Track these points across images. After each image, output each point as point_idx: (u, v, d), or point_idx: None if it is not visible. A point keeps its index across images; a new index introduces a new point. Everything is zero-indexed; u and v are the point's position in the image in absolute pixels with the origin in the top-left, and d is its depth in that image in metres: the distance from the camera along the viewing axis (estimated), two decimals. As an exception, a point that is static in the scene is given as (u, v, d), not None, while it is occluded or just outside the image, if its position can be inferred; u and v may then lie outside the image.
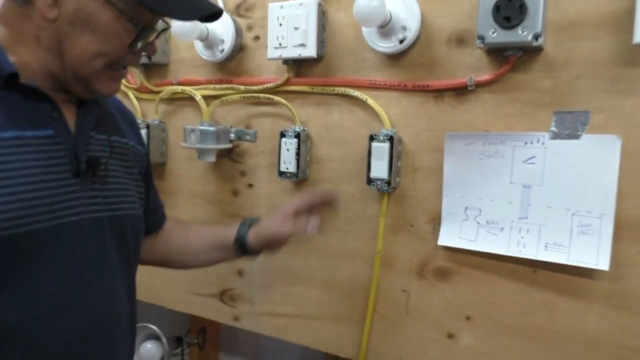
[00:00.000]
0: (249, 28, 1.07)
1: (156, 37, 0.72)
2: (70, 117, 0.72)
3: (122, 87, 1.24)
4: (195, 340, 1.36)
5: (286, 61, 1.00)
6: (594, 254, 0.78)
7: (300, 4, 0.94)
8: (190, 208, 1.19)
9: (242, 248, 0.88)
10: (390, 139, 0.89)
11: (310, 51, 0.94)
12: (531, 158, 0.82)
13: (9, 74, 0.65)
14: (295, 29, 0.94)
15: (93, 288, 0.72)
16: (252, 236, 0.88)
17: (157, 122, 1.19)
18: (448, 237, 0.89)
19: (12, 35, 0.68)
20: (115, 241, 0.76)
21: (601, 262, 0.77)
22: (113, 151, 0.77)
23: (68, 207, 0.68)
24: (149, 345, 1.24)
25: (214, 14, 0.73)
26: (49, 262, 0.66)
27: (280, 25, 0.96)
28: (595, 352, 0.80)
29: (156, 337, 1.25)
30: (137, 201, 0.83)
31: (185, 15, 0.75)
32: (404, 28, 0.86)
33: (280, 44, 0.97)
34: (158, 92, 1.19)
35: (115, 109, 0.86)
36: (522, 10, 0.75)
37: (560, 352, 0.82)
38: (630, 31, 0.72)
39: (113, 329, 0.76)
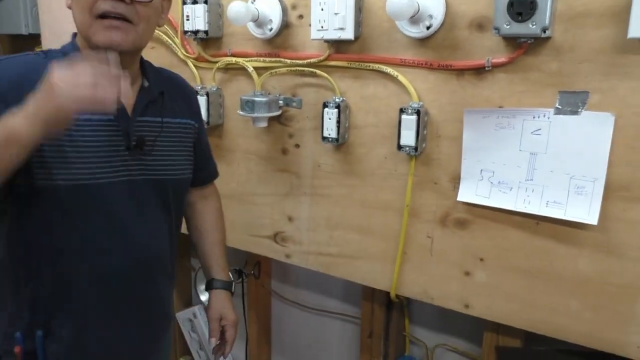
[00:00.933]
0: (294, 7, 1.21)
1: None
2: (128, 105, 0.94)
3: (182, 56, 1.41)
4: (252, 272, 1.61)
5: (327, 40, 1.14)
6: (586, 210, 0.94)
7: (340, -8, 1.07)
8: (246, 164, 1.39)
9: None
10: (418, 112, 1.05)
11: (348, 34, 1.08)
12: (538, 130, 0.96)
13: None
14: (335, 14, 1.08)
15: (137, 230, 0.97)
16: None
17: (214, 89, 1.37)
18: (466, 193, 1.06)
19: (82, 43, 0.92)
20: (158, 197, 1.00)
21: (592, 217, 0.93)
22: (163, 130, 0.99)
23: (121, 170, 0.93)
24: (217, 277, 1.49)
25: None
26: (106, 207, 0.92)
27: (322, 10, 1.09)
28: (585, 287, 0.98)
29: (222, 270, 1.50)
30: (186, 167, 1.06)
31: None
32: (431, 16, 0.99)
33: (322, 27, 1.11)
34: (214, 62, 1.35)
35: (177, 89, 1.08)
36: (532, 7, 0.87)
37: (557, 288, 1.01)
38: (627, 23, 0.83)
39: (153, 263, 1.01)
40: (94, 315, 0.97)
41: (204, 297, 1.51)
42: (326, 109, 1.16)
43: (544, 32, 0.88)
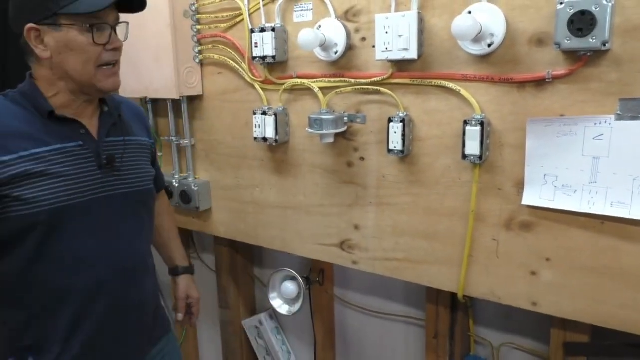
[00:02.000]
0: (357, 31, 1.30)
1: (113, 31, 1.02)
2: (93, 129, 1.09)
3: (249, 80, 1.53)
4: (317, 279, 1.70)
5: (391, 60, 1.23)
6: (651, 210, 0.99)
7: (403, 16, 1.15)
8: (312, 176, 1.49)
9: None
10: (481, 123, 1.12)
11: (412, 54, 1.17)
12: (599, 135, 1.03)
13: (49, 111, 1.02)
14: (400, 36, 1.17)
15: (118, 240, 1.10)
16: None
17: (281, 109, 1.47)
18: (530, 197, 1.13)
19: (43, 84, 1.04)
20: (132, 207, 1.15)
21: (657, 216, 0.99)
22: (127, 148, 1.13)
23: (96, 188, 1.06)
24: (289, 284, 1.59)
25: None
26: (87, 223, 1.05)
27: (387, 33, 1.18)
28: (652, 283, 1.03)
29: (292, 278, 1.59)
30: (149, 178, 1.22)
31: (98, 6, 0.98)
32: (492, 35, 1.07)
33: (386, 48, 1.20)
34: (281, 84, 1.46)
35: (130, 112, 1.23)
36: (592, 23, 0.94)
37: (625, 283, 1.06)
38: (684, 33, 0.90)
39: (135, 268, 1.15)
40: (89, 327, 1.07)
41: (275, 303, 1.60)
42: (392, 124, 1.25)
43: (604, 45, 0.94)
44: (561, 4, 0.97)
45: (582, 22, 0.95)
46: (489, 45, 1.08)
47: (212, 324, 2.11)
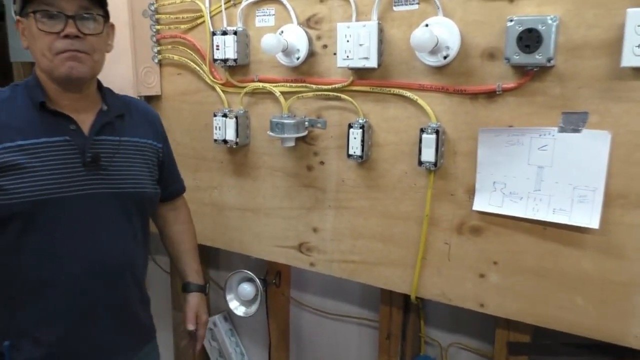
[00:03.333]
0: (318, 38, 1.33)
1: (72, 20, 1.01)
2: (85, 126, 1.08)
3: (209, 82, 1.53)
4: (274, 281, 1.71)
5: (351, 68, 1.27)
6: (588, 216, 1.07)
7: (364, 26, 1.19)
8: (272, 179, 1.50)
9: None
10: (437, 132, 1.18)
11: (372, 63, 1.21)
12: (544, 146, 1.10)
13: (40, 102, 1.03)
14: (360, 45, 1.20)
15: (98, 240, 1.08)
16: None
17: (242, 112, 1.48)
18: (481, 203, 1.19)
19: (40, 75, 1.06)
20: (119, 207, 1.13)
21: (593, 222, 1.06)
22: (121, 147, 1.12)
23: (77, 184, 1.06)
24: (246, 286, 1.60)
25: None
26: (66, 219, 1.04)
27: (348, 41, 1.22)
28: (589, 285, 1.11)
29: (249, 279, 1.60)
30: (146, 181, 1.19)
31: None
32: (447, 47, 1.12)
33: (347, 56, 1.23)
34: (242, 87, 1.47)
35: (140, 114, 1.23)
36: (538, 40, 1.01)
37: (564, 286, 1.13)
38: (620, 54, 0.97)
39: (117, 269, 1.12)
40: (62, 325, 1.06)
41: (232, 304, 1.61)
42: (352, 129, 1.29)
43: (549, 61, 1.01)
44: (511, 21, 1.04)
45: (529, 39, 1.01)
46: (445, 57, 1.14)
47: (165, 327, 2.08)
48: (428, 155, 1.19)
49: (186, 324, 1.33)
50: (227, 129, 1.48)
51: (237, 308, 1.61)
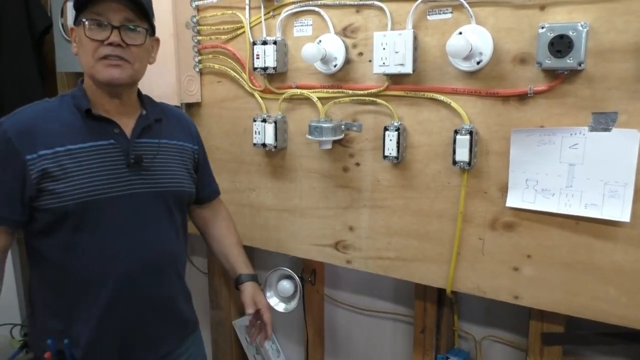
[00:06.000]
0: (354, 46, 1.41)
1: (117, 30, 1.09)
2: (128, 130, 1.17)
3: (248, 89, 1.61)
4: (309, 279, 1.79)
5: (387, 74, 1.34)
6: (619, 210, 1.12)
7: (400, 34, 1.27)
8: (308, 181, 1.58)
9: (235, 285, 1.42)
10: (470, 133, 1.24)
11: (407, 69, 1.28)
12: (575, 145, 1.16)
13: (86, 109, 1.12)
14: (396, 52, 1.28)
15: (145, 237, 1.17)
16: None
17: (280, 117, 1.56)
18: (514, 200, 1.25)
19: (86, 84, 1.15)
20: (160, 205, 1.21)
21: (624, 215, 1.12)
22: (160, 149, 1.21)
23: (123, 184, 1.14)
24: (285, 283, 1.67)
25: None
26: (113, 218, 1.13)
27: (384, 49, 1.29)
28: (621, 275, 1.16)
29: (288, 277, 1.68)
30: (184, 180, 1.28)
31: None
32: (481, 53, 1.19)
33: (383, 63, 1.30)
34: (280, 94, 1.55)
35: (175, 119, 1.31)
36: (570, 46, 1.07)
37: (596, 277, 1.19)
38: (647, 57, 1.03)
39: (161, 263, 1.21)
40: (115, 320, 1.14)
41: (272, 301, 1.68)
42: (387, 132, 1.36)
43: (580, 65, 1.08)
44: (542, 28, 1.10)
45: (560, 45, 1.08)
46: (478, 63, 1.20)
47: (202, 326, 2.16)
48: (462, 155, 1.26)
49: (246, 311, 1.37)
50: (266, 134, 1.56)
51: (278, 304, 1.69)
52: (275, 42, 1.48)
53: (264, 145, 1.57)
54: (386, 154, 1.37)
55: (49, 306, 1.15)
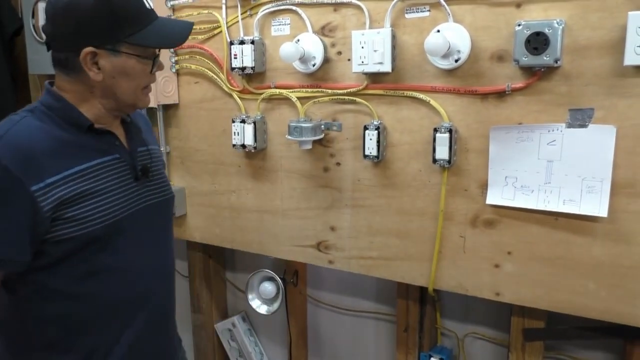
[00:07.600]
0: (332, 45, 1.40)
1: (153, 61, 1.05)
2: (123, 140, 1.10)
3: (226, 89, 1.59)
4: (292, 280, 1.77)
5: (366, 73, 1.33)
6: (596, 205, 1.14)
7: (378, 33, 1.26)
8: (289, 181, 1.56)
9: None
10: (450, 130, 1.24)
11: (386, 67, 1.28)
12: (552, 141, 1.16)
13: (88, 125, 1.02)
14: (375, 51, 1.27)
15: (159, 247, 1.15)
16: None
17: (259, 117, 1.54)
18: (493, 197, 1.26)
19: (73, 98, 1.01)
20: (164, 215, 1.20)
21: (602, 211, 1.13)
22: (152, 157, 1.17)
23: (134, 199, 1.09)
24: (267, 285, 1.66)
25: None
26: (133, 235, 1.07)
27: (362, 47, 1.29)
28: (600, 270, 1.17)
29: (269, 278, 1.66)
30: (170, 186, 1.24)
31: (171, 45, 1.11)
32: (459, 51, 1.19)
33: (362, 62, 1.30)
34: (258, 94, 1.53)
35: (144, 123, 1.25)
36: (546, 43, 1.07)
37: (576, 272, 1.20)
38: (623, 53, 1.04)
39: (170, 272, 1.20)
40: (142, 337, 1.11)
41: (254, 303, 1.66)
42: (367, 131, 1.35)
43: (556, 62, 1.08)
44: (519, 25, 1.11)
45: (537, 42, 1.08)
46: (456, 61, 1.20)
47: (184, 330, 2.13)
48: (442, 153, 1.26)
49: None
50: (245, 134, 1.54)
51: (260, 307, 1.67)
52: (252, 42, 1.46)
53: (243, 146, 1.55)
54: (367, 153, 1.37)
55: (55, 345, 1.04)
